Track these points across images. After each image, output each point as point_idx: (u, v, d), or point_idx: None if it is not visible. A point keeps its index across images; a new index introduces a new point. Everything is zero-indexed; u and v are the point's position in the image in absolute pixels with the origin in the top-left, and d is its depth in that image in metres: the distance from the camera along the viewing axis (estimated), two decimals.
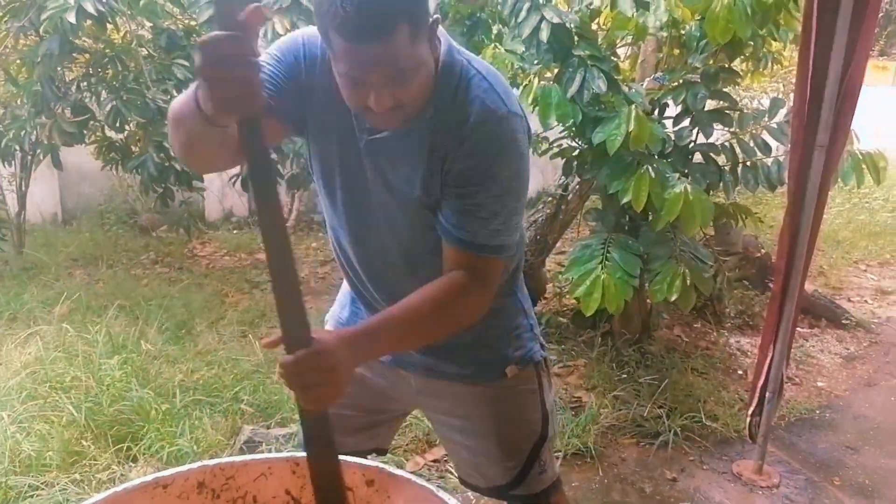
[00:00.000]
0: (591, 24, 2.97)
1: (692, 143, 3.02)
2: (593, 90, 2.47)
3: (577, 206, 3.82)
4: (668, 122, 3.05)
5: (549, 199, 3.79)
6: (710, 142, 3.03)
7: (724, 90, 3.04)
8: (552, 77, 2.67)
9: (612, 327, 3.42)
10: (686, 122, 3.00)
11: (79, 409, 2.44)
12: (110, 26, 3.62)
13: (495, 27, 2.93)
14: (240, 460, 1.29)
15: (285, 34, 2.87)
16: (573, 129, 2.79)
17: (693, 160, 3.06)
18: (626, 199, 2.53)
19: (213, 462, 1.26)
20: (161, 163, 3.61)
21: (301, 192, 5.72)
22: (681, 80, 2.93)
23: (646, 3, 2.28)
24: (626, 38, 3.46)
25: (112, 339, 3.02)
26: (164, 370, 2.88)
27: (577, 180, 3.52)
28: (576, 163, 3.07)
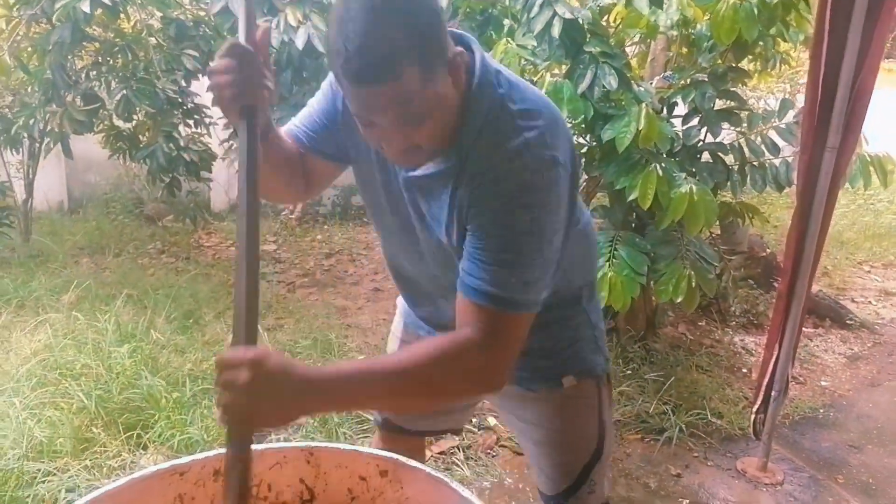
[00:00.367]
0: (602, 20, 2.98)
1: (700, 143, 3.03)
2: (604, 87, 2.47)
3: (584, 202, 3.83)
4: (677, 121, 3.07)
5: None
6: (718, 141, 3.04)
7: (733, 90, 3.04)
8: (563, 73, 2.68)
9: (618, 324, 3.43)
10: (695, 121, 3.01)
11: (89, 396, 2.45)
12: (121, 16, 3.63)
13: (507, 22, 2.93)
14: (256, 448, 1.31)
15: (297, 25, 2.92)
16: (583, 125, 2.80)
17: (701, 159, 3.08)
18: (633, 197, 2.54)
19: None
20: (170, 153, 3.63)
21: None
22: (689, 79, 2.94)
23: (660, 2, 2.28)
24: (636, 36, 3.48)
25: (121, 327, 3.04)
26: (173, 359, 2.90)
27: (585, 177, 3.54)
28: (584, 159, 3.08)
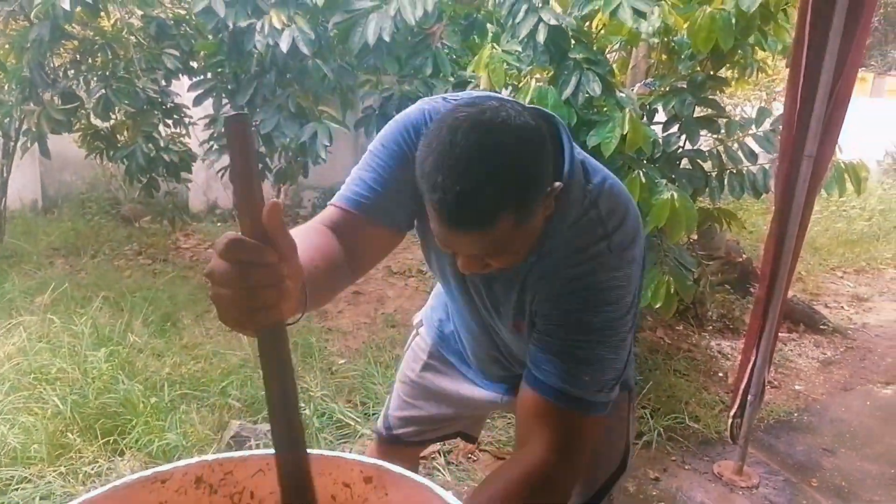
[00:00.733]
0: (584, 26, 3.00)
1: (679, 149, 3.06)
2: (588, 93, 2.49)
3: None
4: (656, 128, 3.10)
5: None
6: (696, 148, 3.08)
7: (712, 98, 3.09)
8: (546, 78, 2.69)
9: None
10: (674, 127, 3.05)
11: (64, 401, 2.41)
12: (101, 14, 3.57)
13: (491, 28, 2.94)
14: (238, 455, 1.29)
15: (282, 28, 2.90)
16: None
17: (680, 166, 3.12)
18: None
19: (211, 457, 1.26)
20: (149, 153, 3.58)
21: (287, 186, 5.69)
22: (669, 86, 2.98)
23: (643, 13, 2.31)
24: (617, 43, 3.50)
25: (98, 330, 2.99)
26: (151, 363, 2.86)
27: None
28: None
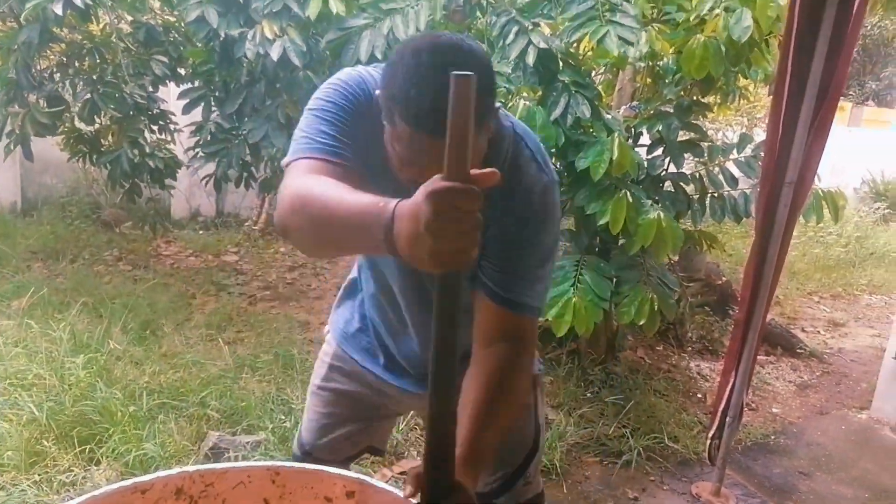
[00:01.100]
0: (572, 49, 3.05)
1: (664, 172, 3.12)
2: (577, 115, 2.53)
3: None
4: (641, 150, 3.15)
5: None
6: (680, 171, 3.13)
7: (695, 122, 3.15)
8: (535, 99, 2.73)
9: (579, 346, 3.48)
10: (659, 150, 3.11)
11: (40, 408, 2.37)
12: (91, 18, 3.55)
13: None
14: (220, 467, 1.28)
15: (273, 38, 2.91)
16: (553, 150, 2.86)
17: (663, 188, 3.17)
18: (604, 221, 2.60)
19: (192, 468, 1.25)
20: (134, 159, 3.56)
21: (272, 195, 5.68)
22: (654, 110, 3.03)
23: (630, 42, 2.36)
24: (604, 66, 3.56)
25: (76, 336, 2.95)
26: (129, 371, 2.83)
27: None
28: None
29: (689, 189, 3.16)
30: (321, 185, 0.97)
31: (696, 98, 3.12)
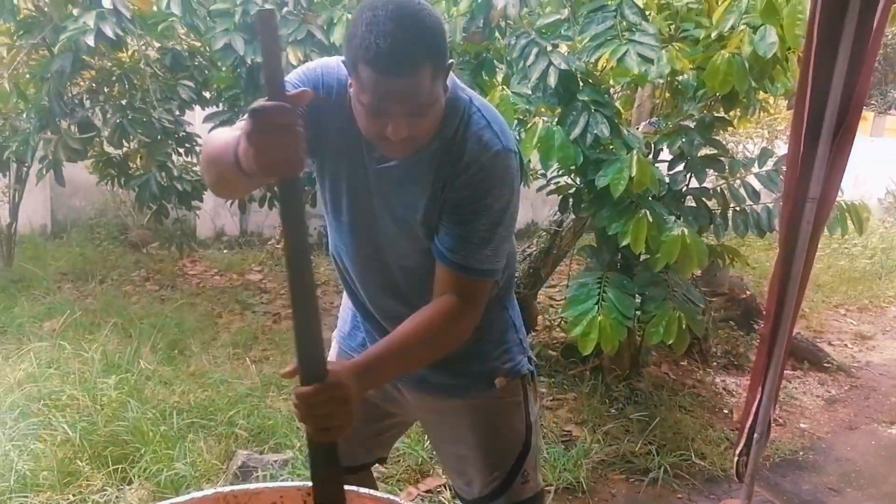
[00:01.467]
0: (591, 66, 3.07)
1: (685, 188, 3.12)
2: (596, 134, 2.55)
3: (570, 242, 3.90)
4: (661, 166, 3.15)
5: (543, 233, 3.87)
6: (702, 186, 3.13)
7: (716, 138, 3.15)
8: (554, 118, 2.76)
9: (602, 362, 3.48)
10: (680, 166, 3.11)
11: (74, 428, 2.43)
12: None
13: (500, 67, 3.02)
14: (253, 488, 1.32)
15: (298, 65, 2.97)
16: (572, 167, 2.87)
17: (685, 203, 3.16)
18: (626, 242, 2.61)
19: (226, 489, 1.29)
20: (162, 182, 3.64)
21: None
22: (675, 125, 3.04)
23: (650, 60, 2.38)
24: (622, 83, 3.58)
25: (107, 357, 3.02)
26: (159, 391, 2.88)
27: (572, 217, 3.60)
28: (572, 200, 3.15)
29: (711, 203, 3.16)
30: (219, 132, 1.13)
31: (718, 114, 3.13)
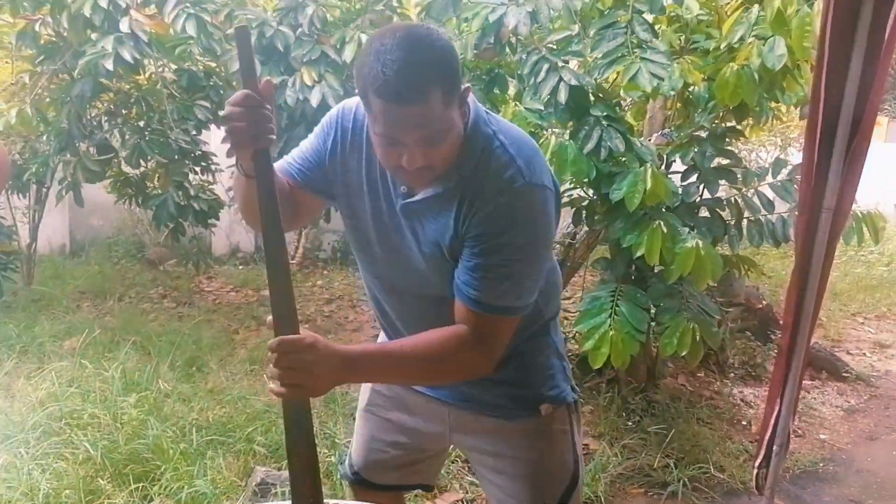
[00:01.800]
0: (603, 80, 3.09)
1: (698, 199, 3.12)
2: (610, 148, 2.56)
3: (584, 254, 3.90)
4: (674, 177, 3.15)
5: (558, 245, 3.88)
6: (715, 197, 3.13)
7: (729, 148, 3.15)
8: (566, 132, 2.78)
9: (618, 374, 3.47)
10: (693, 177, 3.11)
11: (95, 446, 2.45)
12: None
13: (512, 83, 3.05)
14: None
15: (312, 84, 3.02)
16: (585, 180, 2.88)
17: (698, 214, 3.16)
18: (640, 253, 2.61)
19: None
20: (180, 202, 3.70)
21: (308, 230, 5.80)
22: (688, 137, 3.05)
23: (661, 78, 2.39)
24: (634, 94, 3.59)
25: (126, 375, 3.05)
26: (178, 408, 2.90)
27: (585, 229, 3.61)
28: (585, 213, 3.16)
29: (725, 214, 3.15)
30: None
31: (728, 124, 3.13)
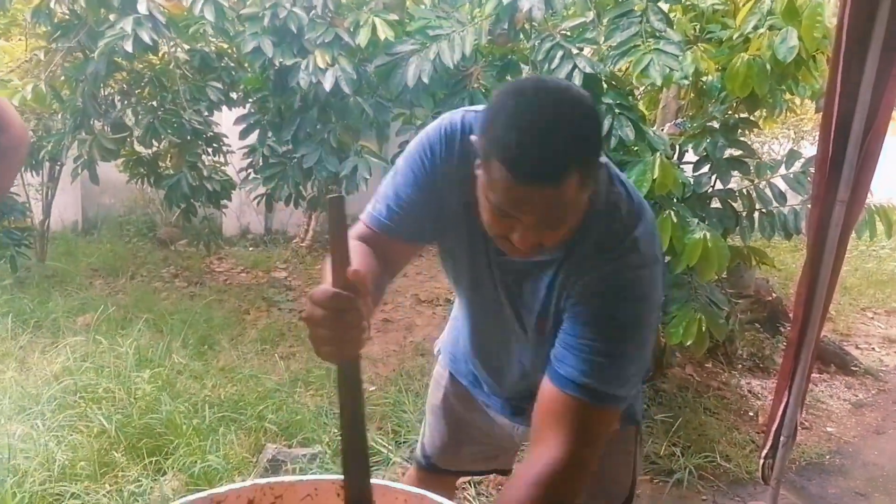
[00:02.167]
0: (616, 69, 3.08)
1: (710, 189, 3.11)
2: (620, 136, 2.56)
3: None
4: (687, 167, 3.15)
5: None
6: (727, 188, 3.12)
7: (742, 139, 3.14)
8: None
9: None
10: (705, 168, 3.10)
11: (109, 420, 2.50)
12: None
13: (525, 70, 3.03)
14: (289, 480, 1.36)
15: (325, 67, 3.02)
16: None
17: (710, 205, 3.16)
18: None
19: (264, 480, 1.33)
20: (193, 182, 3.72)
21: (319, 212, 5.82)
22: (700, 127, 3.04)
23: (673, 70, 2.38)
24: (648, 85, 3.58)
25: (140, 351, 3.09)
26: (190, 385, 2.95)
27: None
28: None
29: (737, 205, 3.15)
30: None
31: (742, 115, 3.12)
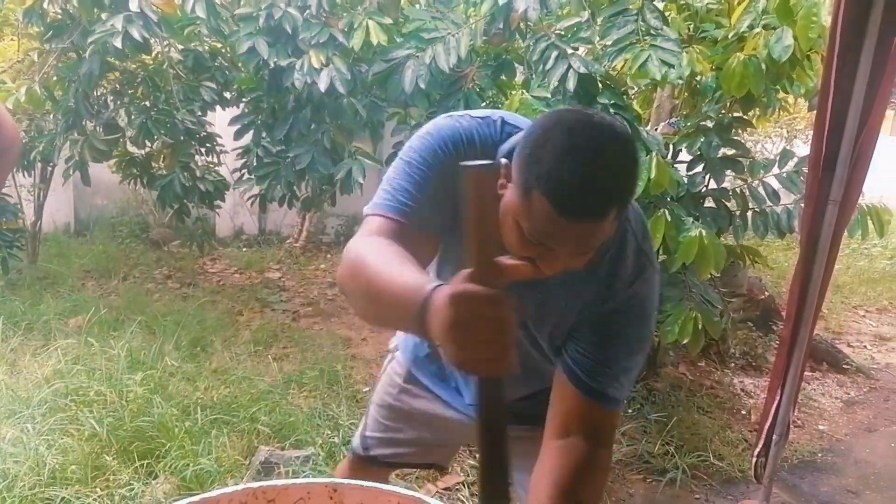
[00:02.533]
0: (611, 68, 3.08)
1: (704, 189, 3.12)
2: None
3: None
4: (680, 167, 3.15)
5: None
6: (721, 187, 3.13)
7: (736, 139, 3.15)
8: None
9: None
10: (699, 167, 3.11)
11: (100, 423, 2.47)
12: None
13: (519, 70, 3.04)
14: (281, 484, 1.35)
15: (320, 67, 3.01)
16: None
17: (704, 204, 3.16)
18: None
19: (256, 484, 1.32)
20: (186, 183, 3.70)
21: (312, 213, 5.80)
22: (695, 126, 3.04)
23: (671, 65, 2.38)
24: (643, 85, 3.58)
25: (132, 354, 3.07)
26: (183, 387, 2.93)
27: None
28: None
29: (731, 204, 3.15)
30: (378, 254, 0.95)
31: (736, 115, 3.12)
